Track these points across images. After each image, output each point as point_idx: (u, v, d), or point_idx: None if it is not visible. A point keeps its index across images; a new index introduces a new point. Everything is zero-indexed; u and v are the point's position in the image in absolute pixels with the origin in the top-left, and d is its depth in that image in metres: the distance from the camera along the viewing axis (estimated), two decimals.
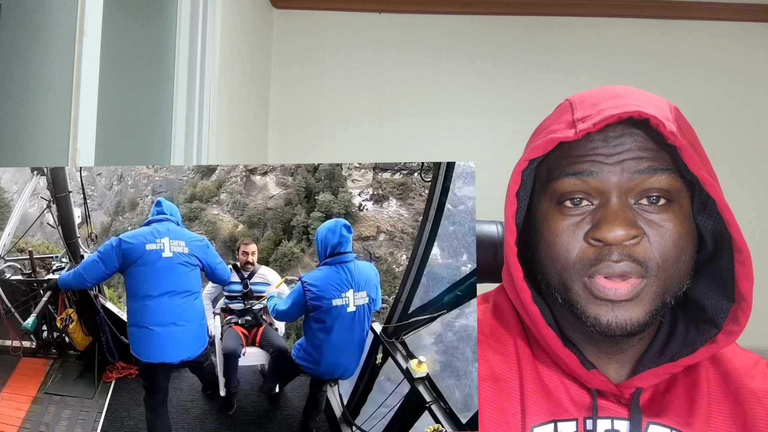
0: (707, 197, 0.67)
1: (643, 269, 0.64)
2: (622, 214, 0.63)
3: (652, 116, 0.62)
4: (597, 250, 0.64)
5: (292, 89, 2.55)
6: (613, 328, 0.64)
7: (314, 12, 2.57)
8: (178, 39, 1.64)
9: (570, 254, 0.66)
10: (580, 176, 0.65)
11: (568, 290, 0.67)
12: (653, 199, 0.65)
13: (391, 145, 2.55)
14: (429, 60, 2.57)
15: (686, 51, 2.57)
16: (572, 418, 0.69)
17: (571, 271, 0.66)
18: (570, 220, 0.66)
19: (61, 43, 1.05)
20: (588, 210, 0.66)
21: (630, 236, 0.63)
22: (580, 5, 2.57)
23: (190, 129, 1.65)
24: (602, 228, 0.63)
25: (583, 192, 0.65)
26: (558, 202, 0.67)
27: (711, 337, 0.68)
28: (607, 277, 0.64)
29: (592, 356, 0.71)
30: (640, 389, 0.68)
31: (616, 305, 0.64)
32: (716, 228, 0.69)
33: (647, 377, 0.68)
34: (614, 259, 0.63)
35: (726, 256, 0.69)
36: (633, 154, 0.64)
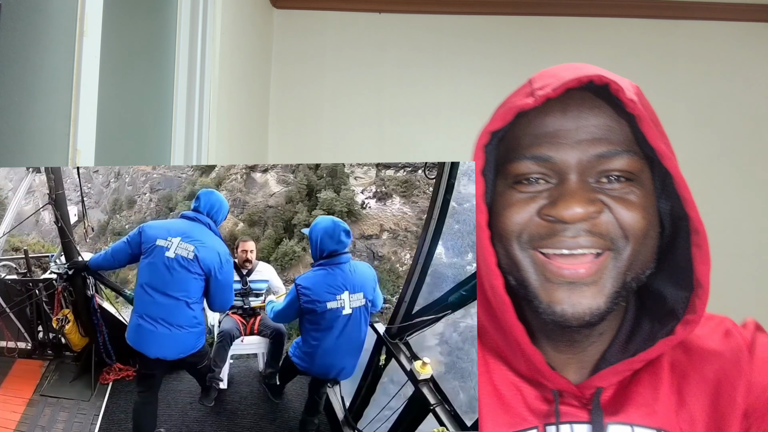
0: (665, 174, 0.64)
1: (606, 242, 0.60)
2: (581, 191, 0.60)
3: (613, 81, 0.61)
4: (550, 226, 0.61)
5: (292, 89, 2.55)
6: (569, 318, 0.60)
7: (314, 12, 2.57)
8: (178, 39, 1.63)
9: (517, 226, 0.62)
10: (536, 160, 0.62)
11: (518, 268, 0.62)
12: (613, 178, 0.62)
13: (391, 145, 2.54)
14: (429, 60, 2.57)
15: (686, 51, 2.57)
16: (532, 426, 0.64)
17: (516, 243, 0.62)
18: (524, 195, 0.63)
19: (61, 43, 1.04)
20: (545, 188, 0.63)
21: (588, 214, 0.59)
22: (580, 5, 2.56)
23: (190, 129, 1.64)
24: (558, 205, 0.59)
25: (539, 173, 0.63)
26: (514, 181, 0.64)
27: (672, 329, 0.64)
28: (563, 257, 0.60)
29: (551, 358, 0.67)
30: (601, 389, 0.64)
31: (574, 289, 0.60)
32: (674, 209, 0.65)
33: (606, 375, 0.64)
34: (569, 235, 0.60)
35: (683, 240, 0.65)
36: (592, 133, 0.61)
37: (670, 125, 0.67)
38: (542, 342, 0.67)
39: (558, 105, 0.63)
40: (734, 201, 2.46)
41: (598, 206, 0.60)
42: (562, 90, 0.61)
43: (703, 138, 2.45)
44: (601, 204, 0.60)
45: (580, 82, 0.61)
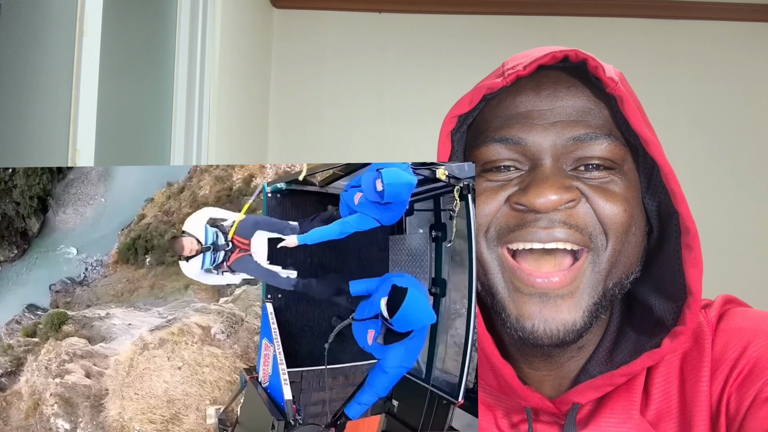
0: (651, 165, 0.56)
1: (584, 237, 0.52)
2: (554, 177, 0.52)
3: (590, 57, 0.54)
4: (520, 216, 0.53)
5: (292, 89, 2.55)
6: (539, 335, 0.51)
7: (314, 12, 2.57)
8: (178, 39, 1.64)
9: (484, 218, 0.54)
10: (506, 143, 0.54)
11: (485, 271, 0.54)
12: (592, 166, 0.54)
13: (391, 145, 2.55)
14: (429, 59, 2.57)
15: (686, 51, 2.56)
16: None
17: (483, 240, 0.54)
18: (492, 183, 0.55)
19: (60, 42, 1.05)
20: (516, 176, 0.55)
21: (563, 201, 0.51)
22: (580, 5, 2.56)
23: (190, 129, 1.64)
24: (529, 192, 0.51)
25: (510, 159, 0.55)
26: (482, 169, 0.56)
27: (659, 342, 0.54)
28: (535, 259, 0.52)
29: (524, 374, 0.59)
30: (577, 405, 0.55)
31: (546, 302, 0.51)
32: (661, 206, 0.57)
33: (585, 391, 0.55)
34: (542, 226, 0.51)
35: (672, 241, 0.56)
36: (567, 115, 0.54)
37: (670, 125, 0.67)
38: (515, 356, 0.59)
39: (530, 83, 0.56)
40: (734, 201, 2.46)
41: (574, 193, 0.52)
42: (534, 67, 0.55)
43: (703, 138, 2.45)
44: (578, 192, 0.52)
45: (554, 59, 0.54)
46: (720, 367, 0.54)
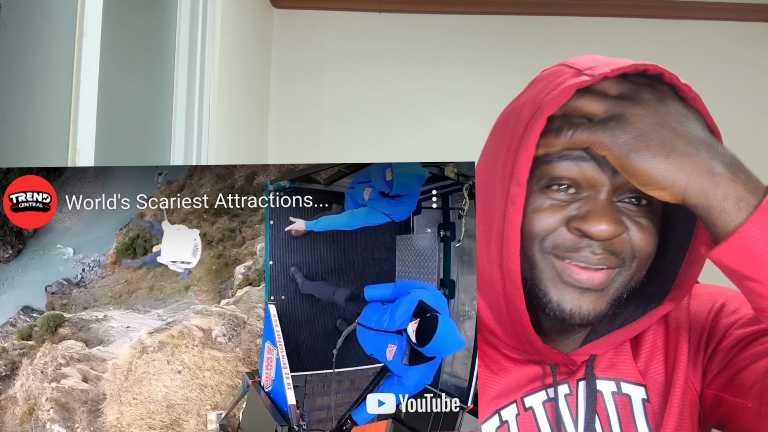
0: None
1: (619, 260, 0.63)
2: (611, 210, 0.61)
3: (666, 71, 0.60)
4: (577, 239, 0.62)
5: (292, 89, 2.54)
6: (574, 316, 0.63)
7: (314, 12, 2.56)
8: (178, 39, 1.63)
9: (542, 231, 0.62)
10: (576, 161, 0.60)
11: (533, 267, 0.64)
12: (634, 201, 0.63)
13: (391, 145, 2.54)
14: (429, 59, 2.56)
15: (686, 51, 2.57)
16: (538, 389, 0.70)
17: (537, 246, 0.63)
18: (553, 201, 0.63)
19: (60, 42, 1.04)
20: (573, 197, 0.63)
21: (615, 234, 0.61)
22: (580, 5, 2.56)
23: (190, 129, 1.64)
24: (590, 221, 0.60)
25: (572, 179, 0.62)
26: (545, 185, 0.63)
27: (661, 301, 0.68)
28: (579, 267, 0.62)
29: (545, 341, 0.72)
30: (594, 356, 0.69)
31: (584, 293, 0.63)
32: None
33: (601, 345, 0.69)
34: (595, 252, 0.62)
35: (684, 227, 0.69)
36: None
37: None
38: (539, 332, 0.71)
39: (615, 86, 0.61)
40: None
41: (623, 228, 0.62)
42: (619, 73, 0.60)
43: None
44: (624, 226, 0.62)
45: (636, 69, 0.60)
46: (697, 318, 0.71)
